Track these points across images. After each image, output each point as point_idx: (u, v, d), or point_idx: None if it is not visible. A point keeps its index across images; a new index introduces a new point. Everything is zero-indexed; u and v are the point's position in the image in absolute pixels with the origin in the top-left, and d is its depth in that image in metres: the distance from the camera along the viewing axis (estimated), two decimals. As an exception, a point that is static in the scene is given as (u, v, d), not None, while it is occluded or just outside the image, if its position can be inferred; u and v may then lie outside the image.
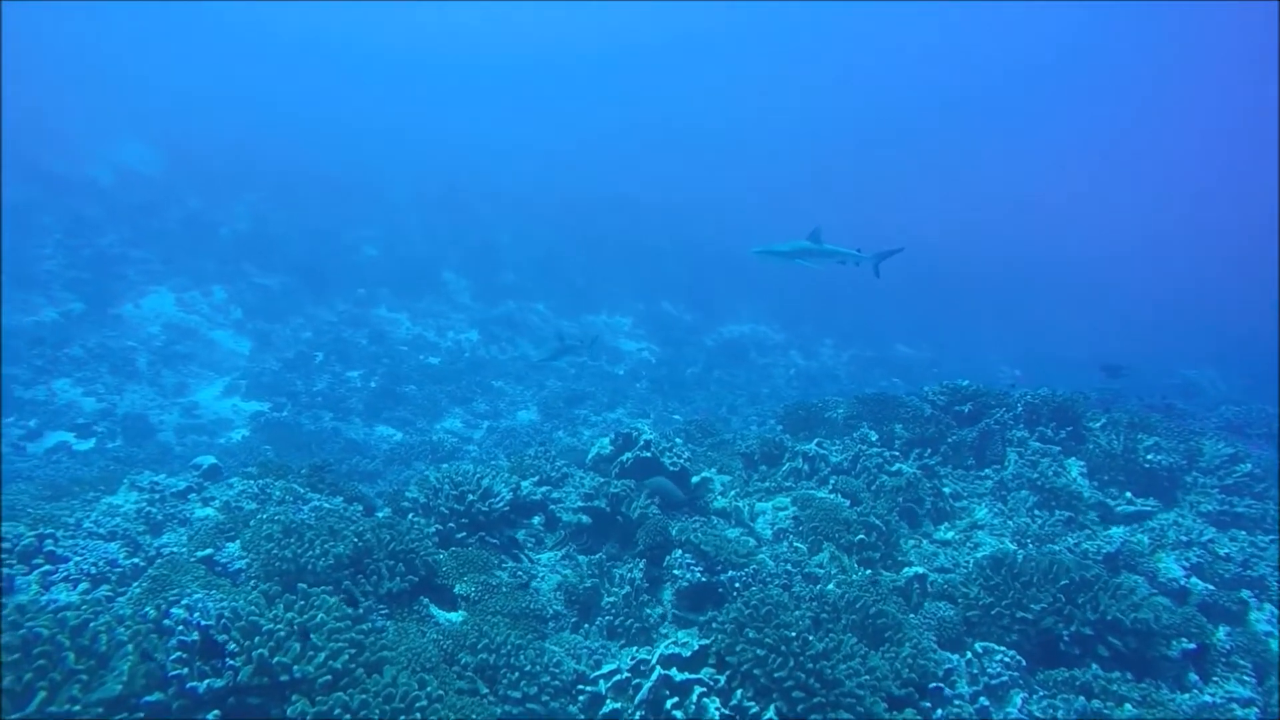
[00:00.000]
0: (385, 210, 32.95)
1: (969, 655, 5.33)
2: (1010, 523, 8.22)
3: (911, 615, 6.02)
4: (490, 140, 55.95)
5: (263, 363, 19.46)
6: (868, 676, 4.66)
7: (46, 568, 4.88)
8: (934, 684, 4.96)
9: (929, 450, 9.54)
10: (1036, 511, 8.31)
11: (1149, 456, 8.76)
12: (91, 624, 3.90)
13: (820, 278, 36.92)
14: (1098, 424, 9.84)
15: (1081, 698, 4.85)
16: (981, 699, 4.93)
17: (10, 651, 3.48)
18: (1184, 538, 7.53)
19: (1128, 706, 4.83)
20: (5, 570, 4.55)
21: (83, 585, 4.90)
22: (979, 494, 8.90)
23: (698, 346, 27.49)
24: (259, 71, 63.34)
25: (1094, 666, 5.28)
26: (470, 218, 34.18)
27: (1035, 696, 5.04)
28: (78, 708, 3.46)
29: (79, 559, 5.15)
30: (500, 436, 16.06)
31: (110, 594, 4.99)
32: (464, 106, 68.56)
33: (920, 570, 6.69)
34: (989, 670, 5.16)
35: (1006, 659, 5.21)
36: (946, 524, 8.31)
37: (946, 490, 8.67)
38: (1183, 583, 6.97)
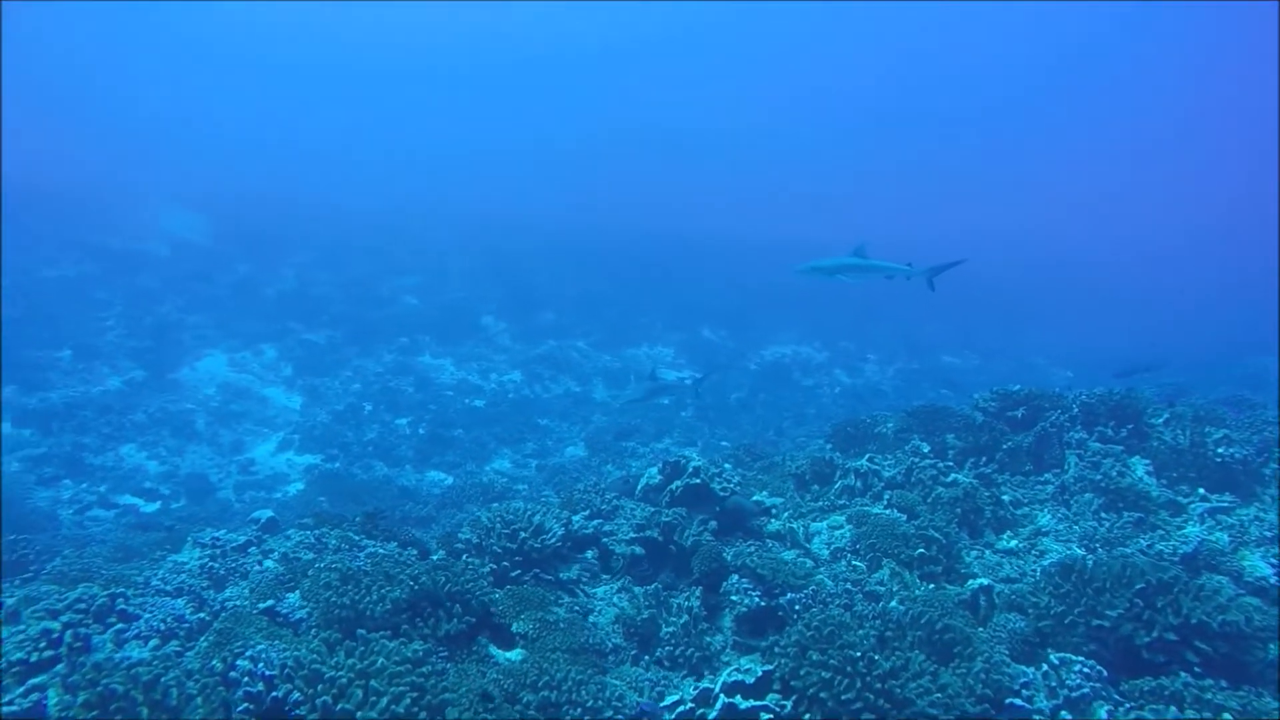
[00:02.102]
0: (423, 259, 33.72)
1: (1045, 667, 5.11)
2: (1076, 527, 7.92)
3: (980, 629, 5.82)
4: (520, 178, 57.12)
5: (314, 416, 19.91)
6: (939, 694, 4.49)
7: (119, 626, 5.01)
8: (1010, 699, 4.76)
9: (984, 458, 9.29)
10: (1103, 514, 7.99)
11: (1219, 450, 8.38)
12: (162, 679, 3.99)
13: (858, 291, 36.65)
14: (1160, 420, 9.48)
15: (1173, 708, 4.60)
16: (1063, 713, 4.71)
17: (89, 709, 3.57)
18: (1269, 533, 7.15)
19: (1226, 716, 4.56)
20: (82, 630, 4.69)
21: (153, 641, 5.02)
22: (1040, 500, 8.63)
23: (741, 371, 27.35)
24: (294, 114, 65.82)
25: (1183, 675, 5.00)
26: (505, 259, 34.75)
27: (1121, 709, 4.80)
28: (152, 762, 3.52)
29: (148, 616, 5.28)
30: (549, 474, 16.11)
31: (179, 649, 5.10)
32: (496, 140, 70.03)
33: (985, 581, 6.48)
34: (1068, 682, 4.93)
35: (1086, 669, 4.98)
36: (1009, 533, 8.04)
37: (1005, 498, 8.41)
38: (1273, 581, 6.60)
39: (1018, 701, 4.72)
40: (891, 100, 72.08)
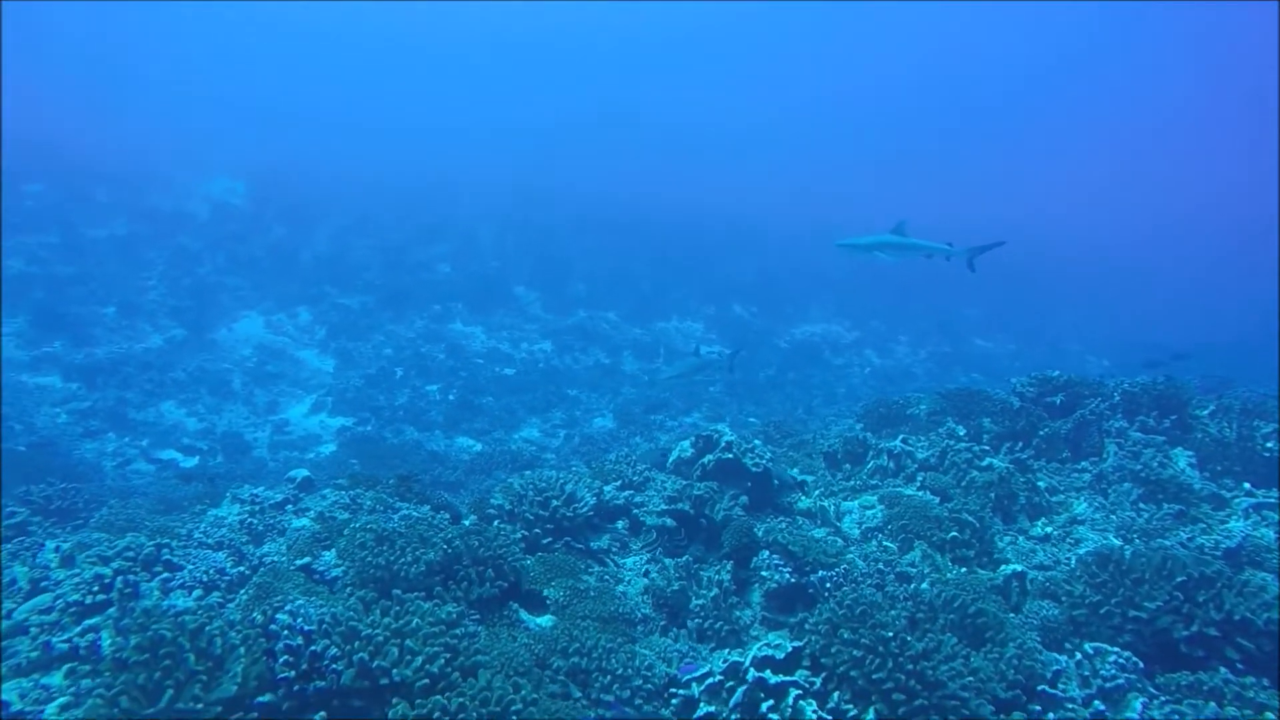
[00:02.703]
0: (457, 227, 33.82)
1: (1079, 656, 5.05)
2: (1113, 517, 7.78)
3: (1011, 615, 5.76)
4: (552, 151, 56.84)
5: (346, 380, 20.20)
6: (971, 678, 4.46)
7: (165, 575, 5.16)
8: (1042, 686, 4.72)
9: (1020, 444, 9.15)
10: (1142, 505, 7.84)
11: (1269, 445, 8.16)
12: (207, 628, 4.10)
13: (893, 272, 36.10)
14: (1205, 411, 9.25)
15: (1212, 704, 4.52)
16: (1096, 703, 4.66)
17: (141, 651, 3.68)
18: (1316, 531, 6.96)
19: (1269, 715, 4.46)
20: (131, 577, 4.83)
21: (196, 592, 5.16)
22: (1076, 488, 8.49)
23: (771, 348, 27.15)
24: (331, 86, 66.21)
25: (1222, 670, 4.91)
26: (538, 230, 34.73)
27: (1156, 701, 4.73)
28: (200, 706, 3.63)
29: (191, 567, 5.43)
30: (578, 444, 16.21)
31: (221, 600, 5.24)
32: (527, 116, 69.77)
33: (1018, 568, 6.41)
34: (1102, 672, 4.87)
35: (1121, 660, 4.91)
36: (1043, 519, 7.93)
37: (1041, 484, 8.29)
38: (1319, 579, 6.43)
39: (1050, 689, 4.67)
40: (910, 95, 71.10)
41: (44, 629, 4.41)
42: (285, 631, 4.40)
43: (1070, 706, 4.59)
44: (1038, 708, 4.57)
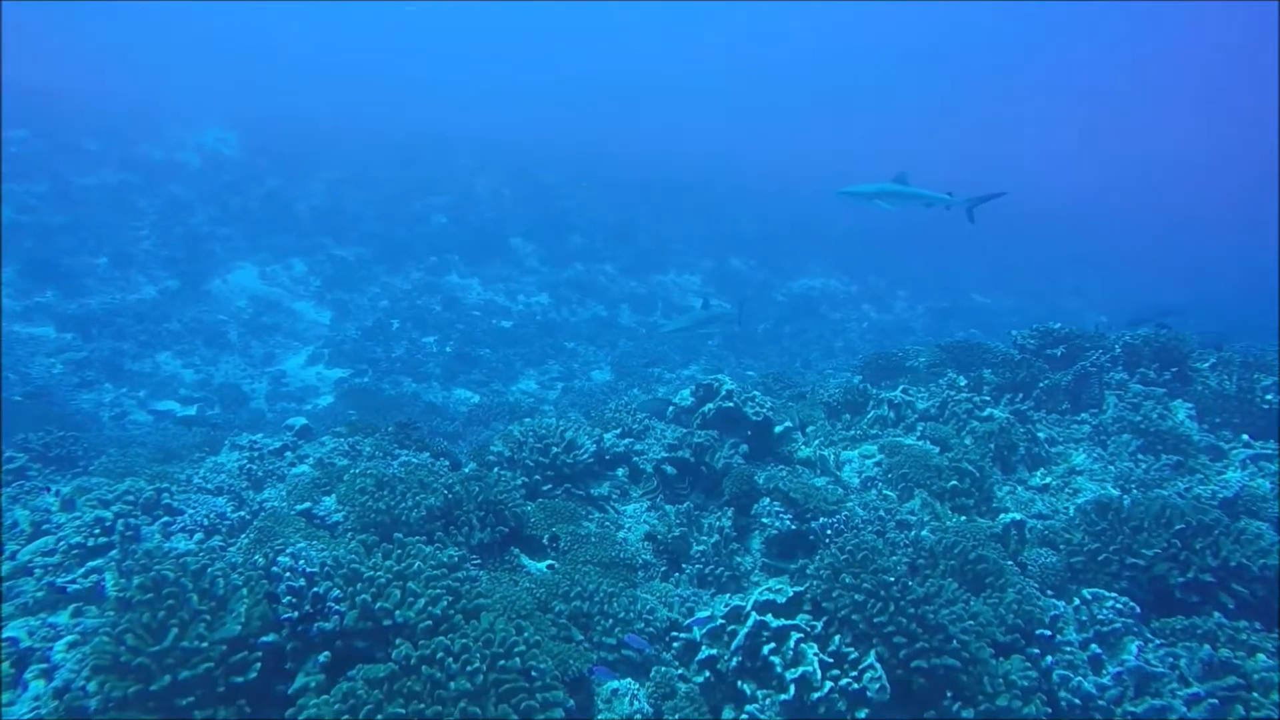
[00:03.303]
0: (453, 179, 33.31)
1: (1076, 602, 5.10)
2: (1111, 468, 7.81)
3: (1010, 562, 5.80)
4: (550, 109, 55.73)
5: (343, 331, 20.10)
6: (971, 622, 4.50)
7: (166, 519, 5.15)
8: (1040, 630, 4.76)
9: (1020, 395, 9.15)
10: (1140, 456, 7.87)
11: (1268, 397, 8.16)
12: (209, 569, 4.09)
13: (892, 227, 35.83)
14: (1206, 364, 9.23)
15: (1206, 646, 4.57)
16: (1093, 646, 4.71)
17: (145, 591, 3.67)
18: (1314, 481, 6.99)
19: (1261, 657, 4.52)
20: (132, 520, 4.82)
21: (197, 535, 5.16)
22: (1075, 439, 8.52)
23: (769, 302, 27.05)
24: (322, 38, 64.51)
25: (1216, 615, 4.96)
26: (535, 183, 34.24)
27: (1151, 645, 4.78)
28: (205, 644, 3.63)
29: (192, 511, 5.41)
30: (575, 396, 16.21)
31: (222, 544, 5.24)
32: (520, 68, 68.31)
33: (1017, 516, 6.43)
34: (1099, 617, 4.92)
35: (1119, 605, 4.95)
36: (1042, 470, 7.96)
37: (1041, 435, 8.30)
38: (1315, 528, 6.48)
39: (1048, 633, 4.72)
40: (907, 44, 69.21)
41: (48, 570, 4.41)
42: (287, 573, 4.39)
43: (1068, 649, 4.64)
44: (1036, 651, 4.62)
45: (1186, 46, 63.07)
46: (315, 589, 4.33)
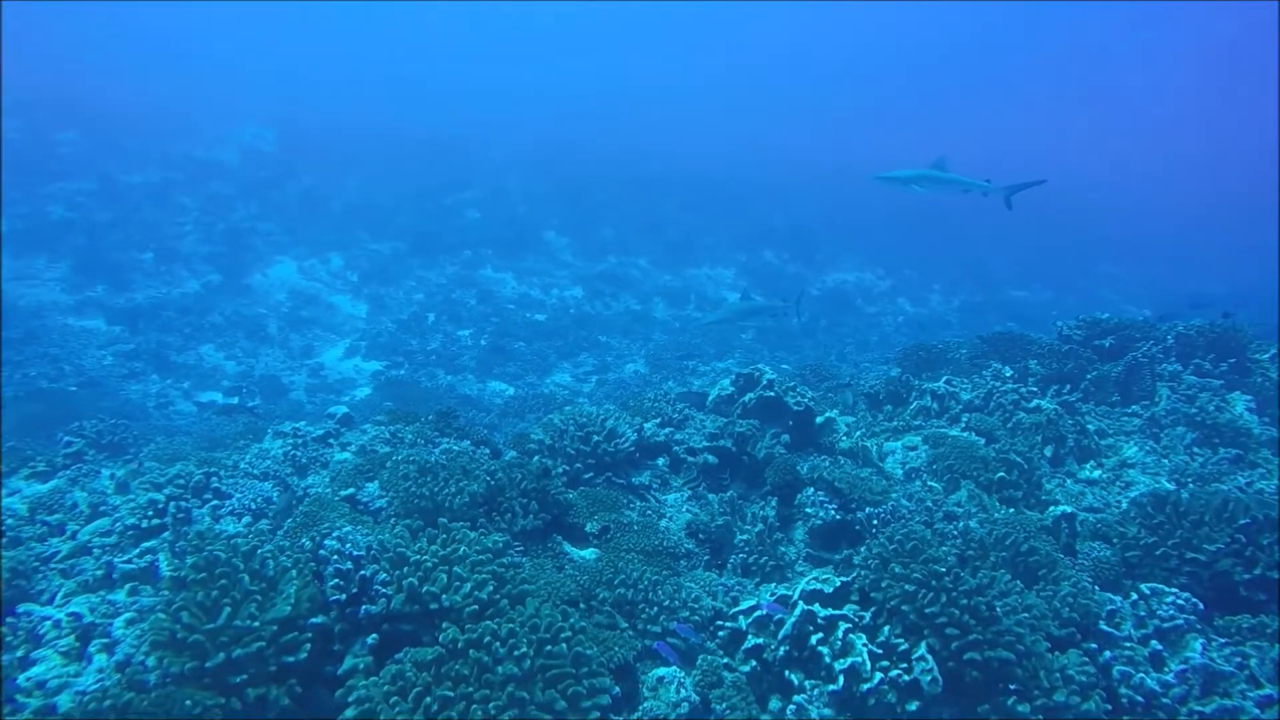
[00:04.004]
0: (485, 173, 33.53)
1: (1134, 597, 4.93)
2: (1165, 461, 7.58)
3: (1061, 555, 5.64)
4: (581, 110, 55.76)
5: (379, 324, 20.32)
6: (1026, 614, 4.38)
7: (215, 502, 5.23)
8: (1098, 625, 4.62)
9: (1068, 387, 8.92)
10: (1196, 450, 7.62)
11: (1334, 388, 7.85)
12: (259, 550, 4.13)
13: (925, 220, 35.26)
14: (1265, 355, 8.91)
15: (1278, 646, 4.39)
16: (1153, 642, 4.55)
17: (198, 571, 3.72)
18: (1382, 476, 6.71)
19: (1333, 655, 4.34)
20: (183, 503, 4.90)
21: (245, 519, 5.23)
22: (1126, 431, 8.27)
23: (799, 292, 26.76)
24: (354, 43, 65.33)
25: (1285, 612, 4.77)
26: (567, 178, 34.30)
27: (1216, 643, 4.61)
28: (256, 624, 3.67)
29: (239, 495, 5.49)
30: (610, 388, 16.20)
31: (269, 527, 5.30)
32: (553, 68, 68.49)
33: (1068, 509, 6.25)
34: (1159, 613, 4.75)
35: (1180, 601, 4.78)
36: (1092, 462, 7.75)
37: (1090, 427, 8.08)
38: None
39: (1106, 628, 4.57)
40: (935, 38, 68.13)
41: (105, 549, 4.51)
42: (334, 556, 4.43)
43: (1127, 645, 4.49)
44: (1094, 645, 4.48)
45: (1209, 39, 61.09)
46: (362, 572, 4.37)
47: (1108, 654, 4.43)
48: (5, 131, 26.51)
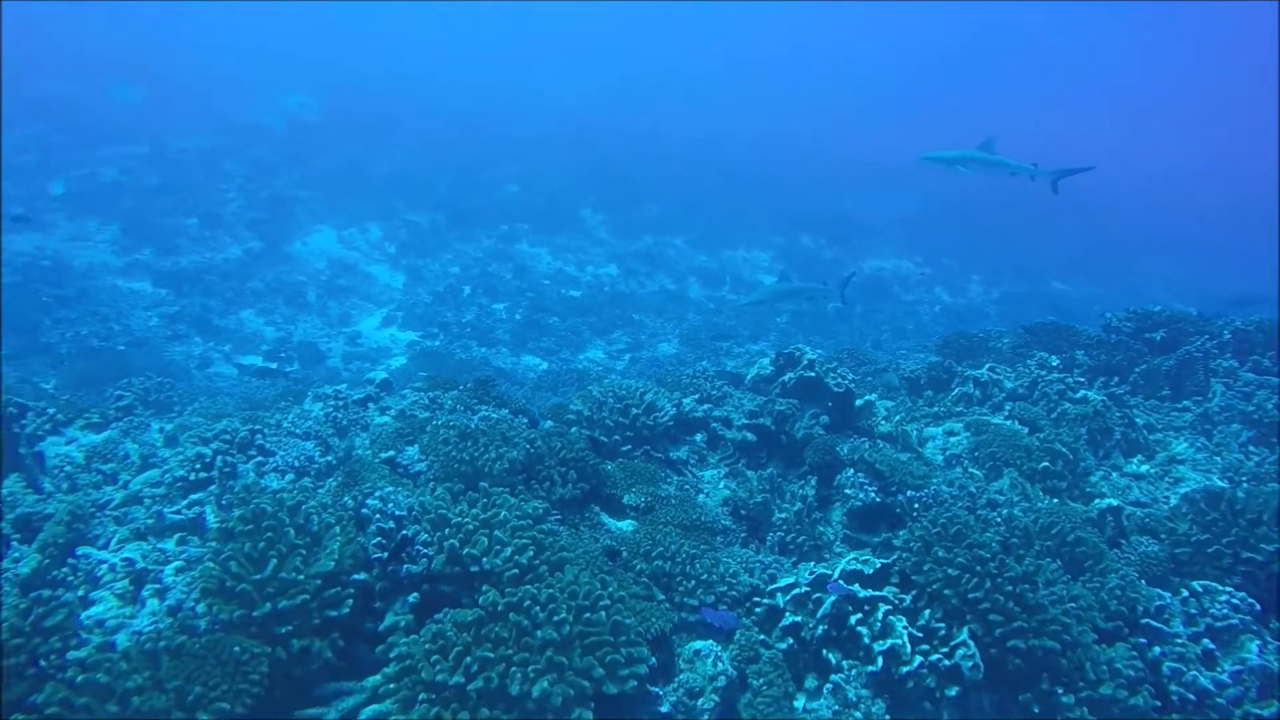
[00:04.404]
0: (523, 149, 33.49)
1: (1185, 594, 4.80)
2: (1218, 458, 7.37)
3: (1107, 548, 5.51)
4: (621, 80, 55.27)
5: (415, 295, 20.49)
6: (1073, 604, 4.28)
7: (259, 458, 5.31)
8: (1146, 620, 4.51)
9: (1116, 379, 8.71)
10: (1252, 448, 7.39)
11: (1402, 390, 7.54)
12: (304, 505, 4.18)
13: (967, 210, 34.51)
14: (1330, 354, 8.59)
15: (1338, 648, 4.25)
16: (1205, 641, 4.43)
17: (245, 523, 3.78)
18: None
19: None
20: (227, 458, 4.99)
21: (289, 475, 5.31)
22: (1176, 427, 8.06)
23: (839, 281, 26.42)
24: (402, 29, 65.46)
25: (1346, 617, 4.61)
26: (607, 154, 34.11)
27: (1272, 646, 4.47)
28: (301, 577, 3.72)
29: (282, 453, 5.57)
30: (643, 366, 16.17)
31: (311, 485, 5.38)
32: (592, 50, 67.90)
33: (1114, 502, 6.11)
34: (1211, 611, 4.62)
35: (1235, 601, 4.64)
36: (1139, 456, 7.57)
37: (1139, 421, 7.87)
38: None
39: (1155, 623, 4.46)
40: (976, 34, 66.56)
41: (155, 500, 4.60)
42: (377, 515, 4.48)
43: (1179, 642, 4.37)
44: (1143, 640, 4.37)
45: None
46: (404, 531, 4.41)
47: (1157, 649, 4.32)
48: (64, 93, 27.22)
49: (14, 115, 24.30)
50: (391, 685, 3.64)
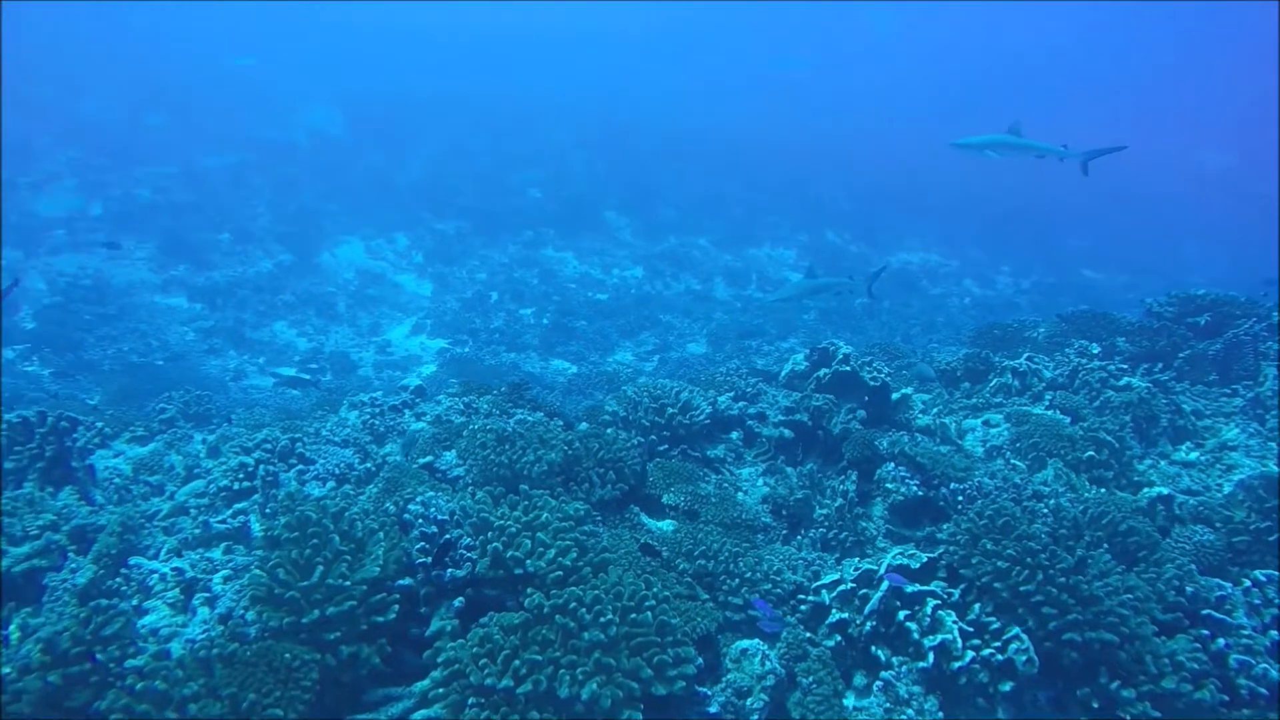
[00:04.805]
0: (547, 153, 33.64)
1: (1246, 583, 4.66)
2: (1272, 444, 7.12)
3: (1159, 537, 5.37)
4: (642, 82, 55.27)
5: (443, 303, 20.65)
6: (1129, 596, 4.17)
7: (300, 467, 5.37)
8: (1207, 610, 4.37)
9: (1160, 365, 8.49)
10: (1308, 433, 7.15)
11: None
12: (347, 512, 4.21)
13: (996, 200, 33.97)
14: (1388, 335, 8.29)
15: None
16: (1273, 632, 4.28)
17: (291, 530, 3.82)
18: None
19: None
20: (269, 467, 5.05)
21: (330, 483, 5.36)
22: (1226, 413, 7.81)
23: (865, 276, 26.17)
24: (415, 20, 66.07)
25: None
26: (627, 156, 34.14)
27: (1339, 634, 4.32)
28: (347, 583, 3.74)
29: (322, 461, 5.63)
30: (672, 367, 16.13)
31: (352, 492, 5.42)
32: (619, 52, 67.99)
33: (1164, 491, 5.95)
34: (1277, 602, 4.47)
35: (1299, 588, 4.49)
36: (1188, 444, 7.36)
37: (1186, 407, 7.66)
38: None
39: (1216, 614, 4.33)
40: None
41: (201, 510, 4.67)
42: (419, 520, 4.49)
43: (1245, 633, 4.24)
44: (1205, 632, 4.24)
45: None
46: (447, 535, 4.42)
47: (1221, 641, 4.19)
48: (103, 114, 27.98)
49: (53, 139, 25.03)
50: (440, 690, 3.64)
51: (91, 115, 28.62)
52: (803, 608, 4.60)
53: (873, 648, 4.24)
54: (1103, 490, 6.12)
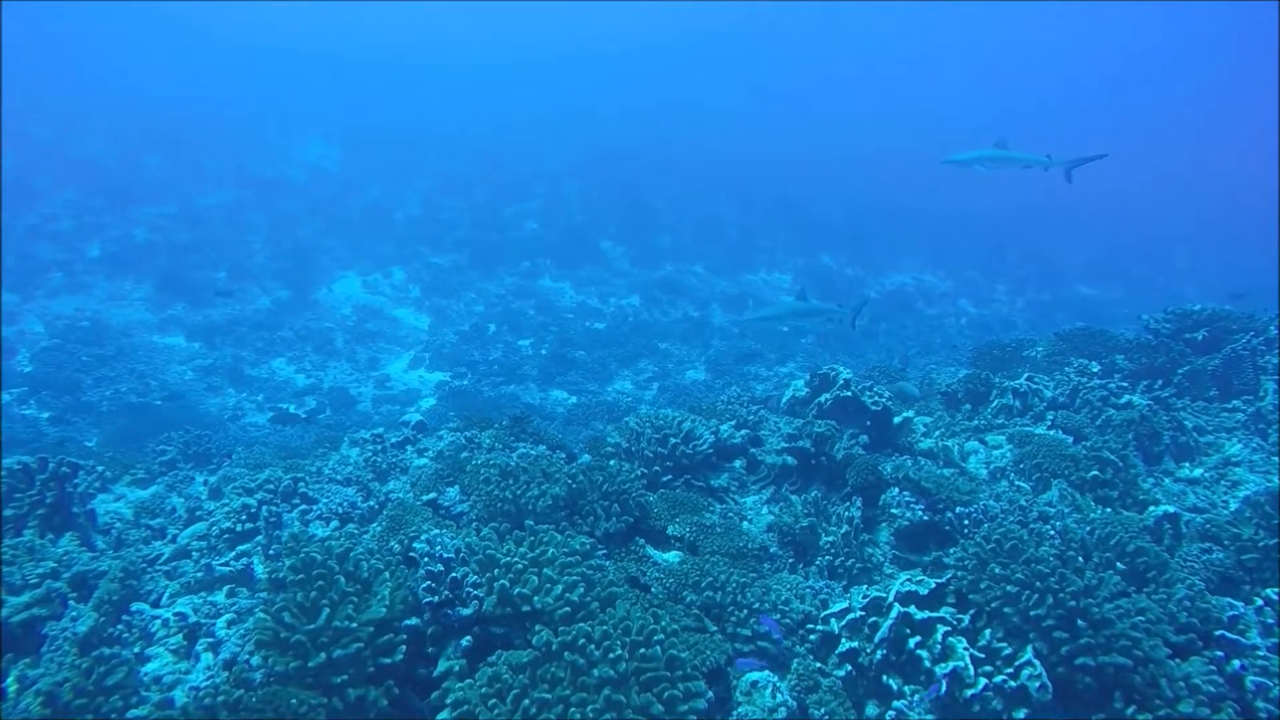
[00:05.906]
0: (542, 184, 33.90)
1: (1259, 602, 4.62)
2: (1275, 459, 7.12)
3: (1169, 556, 5.34)
4: (634, 108, 55.84)
5: (441, 336, 20.69)
6: (1141, 618, 4.14)
7: (303, 506, 5.34)
8: (1219, 631, 4.34)
9: (1159, 382, 8.50)
10: (1311, 447, 7.15)
11: None
12: (352, 552, 4.18)
13: (990, 219, 34.26)
14: (1381, 347, 8.33)
15: None
16: (1285, 650, 4.25)
17: (296, 572, 3.79)
18: None
19: None
20: (272, 508, 5.02)
21: (333, 523, 5.32)
22: (1228, 428, 7.82)
23: (862, 299, 26.32)
24: (414, 51, 67.02)
25: None
26: (622, 185, 34.41)
27: (1353, 651, 4.28)
28: (354, 625, 3.71)
29: (325, 500, 5.60)
30: (672, 395, 16.13)
31: (356, 531, 5.39)
32: (612, 79, 68.93)
33: (1170, 509, 5.93)
34: (1288, 618, 4.44)
35: (1311, 606, 4.46)
36: (1190, 461, 7.35)
37: (1188, 424, 7.66)
38: None
39: (1230, 635, 4.29)
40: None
41: (203, 553, 4.63)
42: (425, 559, 4.46)
43: (1260, 655, 4.20)
44: (1219, 653, 4.20)
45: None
46: (453, 574, 4.38)
47: (1237, 663, 4.15)
48: (102, 157, 28.24)
49: (50, 180, 25.20)
50: (449, 732, 3.59)
51: (88, 156, 28.84)
52: (812, 637, 4.56)
53: (884, 677, 4.19)
54: (1108, 510, 6.10)
